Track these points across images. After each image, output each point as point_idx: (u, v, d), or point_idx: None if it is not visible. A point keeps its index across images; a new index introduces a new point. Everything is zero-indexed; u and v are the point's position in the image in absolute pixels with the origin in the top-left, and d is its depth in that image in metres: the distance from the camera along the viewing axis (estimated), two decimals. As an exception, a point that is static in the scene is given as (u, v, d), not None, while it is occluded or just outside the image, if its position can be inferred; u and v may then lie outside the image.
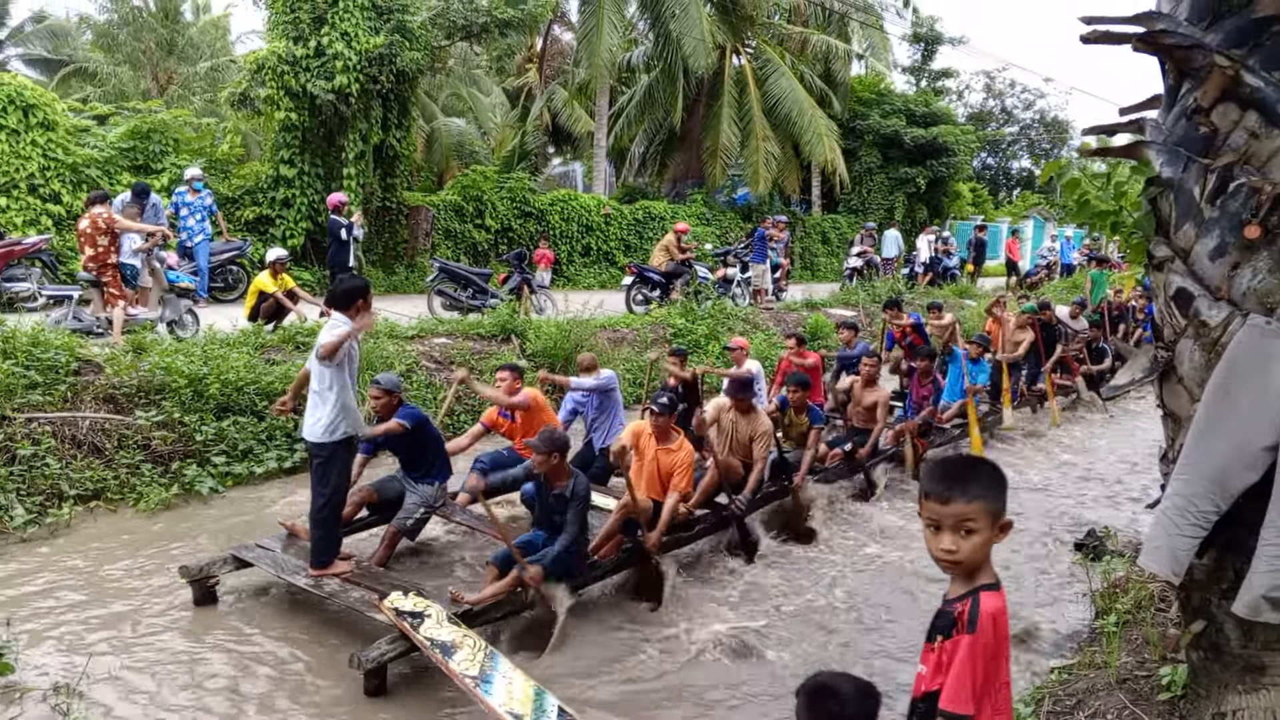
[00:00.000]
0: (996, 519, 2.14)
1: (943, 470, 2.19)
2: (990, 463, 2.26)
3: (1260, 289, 3.26)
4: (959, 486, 2.12)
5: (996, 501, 2.14)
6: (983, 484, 2.14)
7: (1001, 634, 2.11)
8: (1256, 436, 3.17)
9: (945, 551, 2.13)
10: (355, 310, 5.53)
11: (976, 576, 2.18)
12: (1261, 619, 3.16)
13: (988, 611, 2.11)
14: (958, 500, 2.11)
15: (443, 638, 4.60)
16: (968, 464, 2.25)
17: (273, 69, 14.59)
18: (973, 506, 2.11)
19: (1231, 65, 3.19)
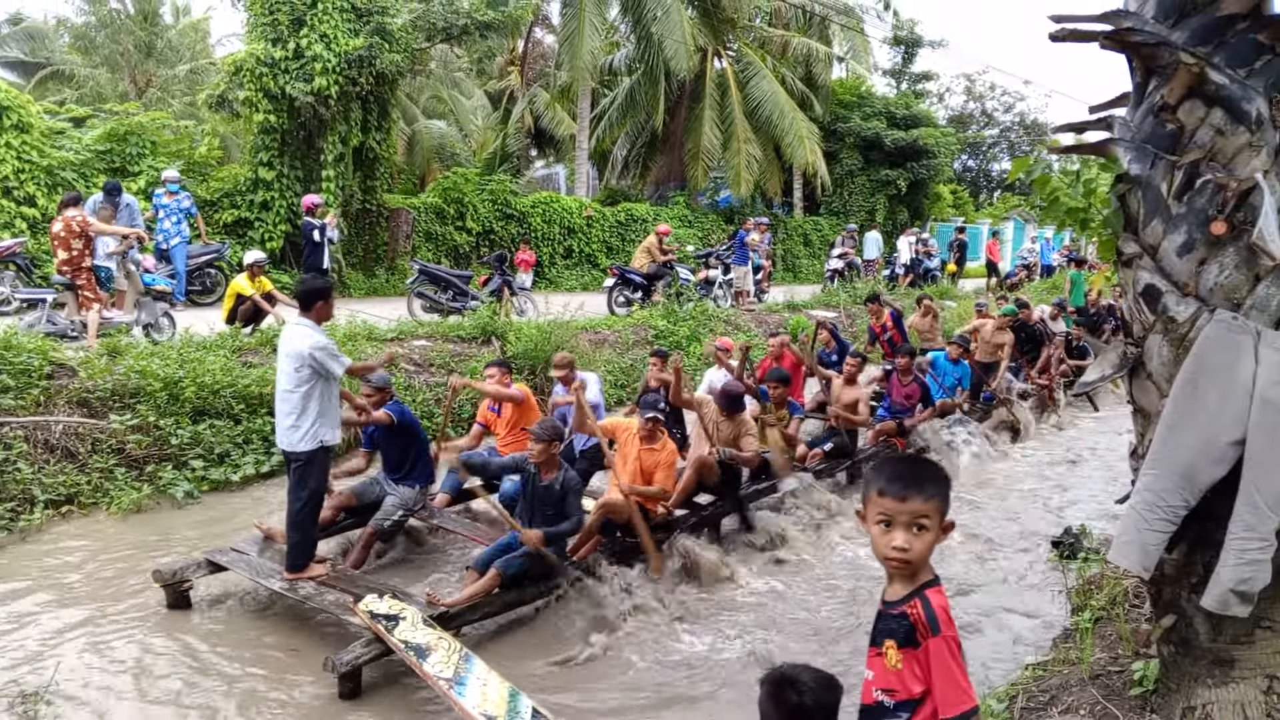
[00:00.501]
0: (944, 517, 2.15)
1: (899, 468, 2.19)
2: (937, 464, 2.27)
3: (1227, 284, 3.29)
4: (916, 484, 2.12)
5: (946, 501, 2.16)
6: (936, 483, 2.16)
7: (954, 625, 2.12)
8: (1224, 431, 3.19)
9: (898, 550, 2.12)
10: (316, 311, 5.52)
11: (918, 575, 2.18)
12: (1230, 613, 3.18)
13: (941, 607, 2.12)
14: (915, 498, 2.11)
15: (417, 640, 4.57)
16: (921, 463, 2.27)
17: (251, 71, 14.50)
18: (929, 504, 2.11)
19: (1196, 62, 3.22)
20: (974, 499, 8.86)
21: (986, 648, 5.57)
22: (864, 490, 2.26)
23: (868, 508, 2.22)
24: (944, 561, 7.14)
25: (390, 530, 6.40)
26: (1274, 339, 3.18)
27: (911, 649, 2.16)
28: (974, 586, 6.62)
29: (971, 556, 7.29)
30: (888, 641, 2.21)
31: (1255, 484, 3.14)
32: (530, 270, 18.47)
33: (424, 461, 6.60)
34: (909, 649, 2.16)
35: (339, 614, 5.11)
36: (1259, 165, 3.25)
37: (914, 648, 2.15)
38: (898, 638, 2.18)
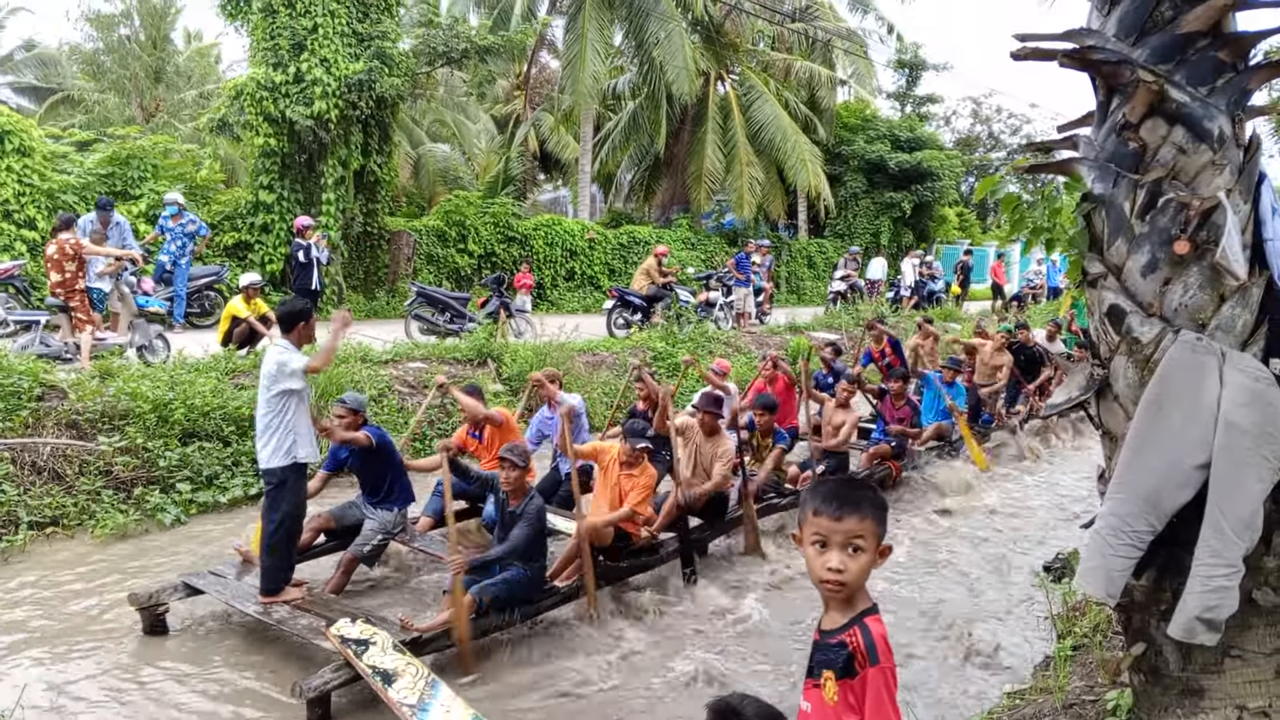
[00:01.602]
0: (880, 541, 2.10)
1: (835, 488, 2.15)
2: (875, 487, 2.23)
3: (1191, 305, 3.24)
4: (852, 503, 2.08)
5: (882, 524, 2.11)
6: (872, 504, 2.11)
7: (893, 655, 2.07)
8: (1189, 454, 3.13)
9: (833, 571, 2.07)
10: (297, 333, 5.52)
11: (856, 602, 2.12)
12: (1197, 641, 3.10)
13: (880, 635, 2.07)
14: (850, 517, 2.06)
15: (385, 665, 4.51)
16: (857, 484, 2.22)
17: (251, 95, 14.62)
18: (865, 524, 2.06)
19: (1156, 80, 3.18)
20: (970, 519, 8.76)
21: (972, 674, 5.48)
22: (800, 511, 2.21)
23: (803, 529, 2.17)
24: (937, 582, 7.05)
25: (370, 555, 6.35)
26: (1239, 360, 3.12)
27: (849, 679, 2.10)
28: (963, 610, 6.52)
29: (963, 579, 7.19)
30: (826, 673, 2.15)
31: (1220, 508, 3.07)
32: (530, 292, 18.46)
33: (402, 485, 6.56)
34: (846, 679, 2.10)
35: (311, 638, 5.05)
36: (1222, 184, 3.20)
37: (851, 678, 2.09)
38: (836, 668, 2.12)
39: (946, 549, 7.93)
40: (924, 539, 8.20)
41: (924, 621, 6.29)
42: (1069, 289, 4.28)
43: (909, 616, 6.39)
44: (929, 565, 7.52)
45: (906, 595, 6.83)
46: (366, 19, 15.38)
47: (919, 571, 7.36)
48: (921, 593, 6.88)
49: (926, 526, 8.59)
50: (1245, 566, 3.09)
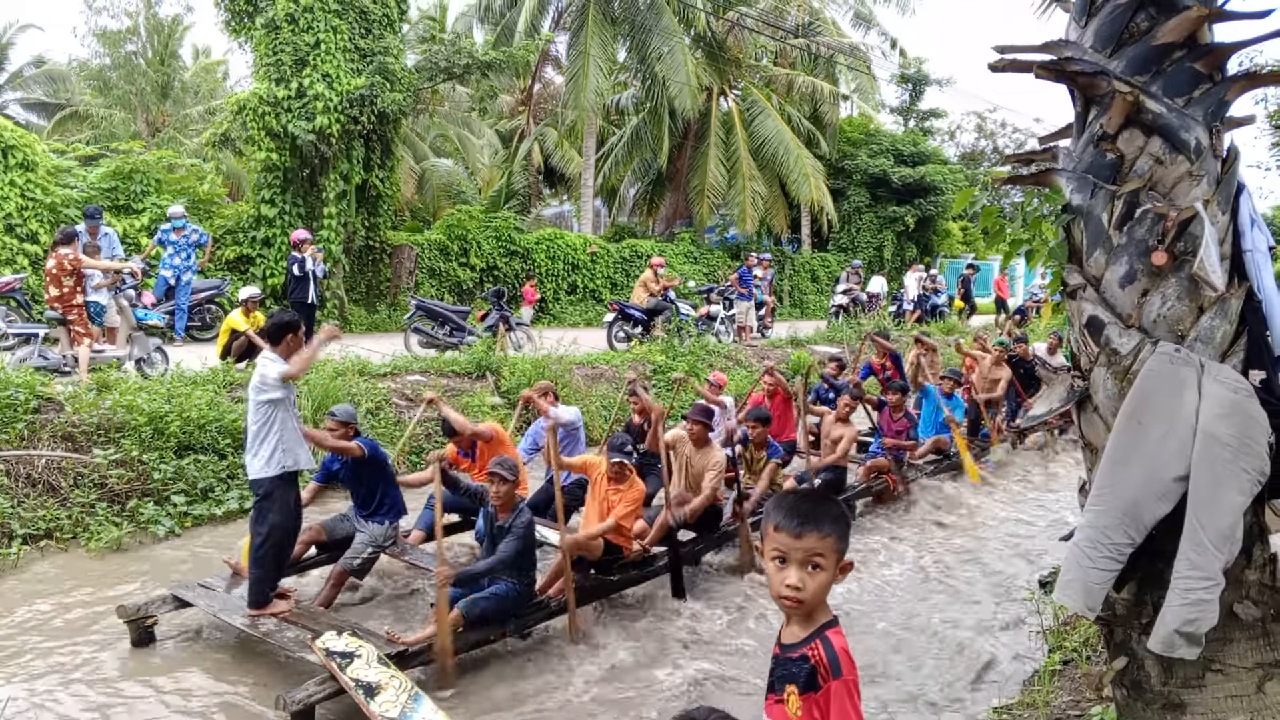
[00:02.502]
0: (841, 557, 2.08)
1: (796, 503, 2.12)
2: (838, 502, 2.21)
3: (1170, 316, 3.23)
4: (813, 520, 2.05)
5: (844, 540, 2.08)
6: (833, 520, 2.08)
7: (855, 668, 2.05)
8: (1168, 466, 3.11)
9: (791, 588, 2.05)
10: (286, 345, 5.53)
11: (816, 616, 2.10)
12: (1176, 655, 3.08)
13: (842, 649, 2.05)
14: (811, 534, 2.04)
15: (369, 678, 4.49)
16: (820, 499, 2.18)
17: (254, 110, 14.72)
18: (825, 542, 2.04)
19: (1132, 91, 3.18)
20: (966, 533, 8.72)
21: (961, 688, 5.43)
22: (762, 524, 2.19)
23: (764, 542, 2.15)
24: (931, 596, 7.00)
25: (360, 568, 6.32)
26: (1217, 371, 3.11)
27: (812, 693, 2.08)
28: (957, 623, 6.47)
29: (958, 593, 7.14)
30: (789, 686, 2.13)
31: (1199, 521, 3.05)
32: (534, 305, 18.50)
33: (394, 497, 6.53)
34: (809, 693, 2.08)
35: (297, 651, 5.04)
36: (1199, 195, 3.20)
37: (814, 691, 2.07)
38: (798, 682, 2.10)
39: (942, 562, 7.88)
40: (920, 552, 8.16)
41: (916, 635, 6.24)
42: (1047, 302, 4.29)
43: (902, 629, 6.34)
44: (924, 578, 7.48)
45: (901, 608, 6.78)
46: (369, 35, 15.49)
47: (914, 584, 7.31)
48: (916, 605, 6.83)
49: (923, 540, 8.54)
50: (1226, 579, 3.07)
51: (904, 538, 8.57)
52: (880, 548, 8.23)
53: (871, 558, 7.85)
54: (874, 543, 8.35)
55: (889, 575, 7.52)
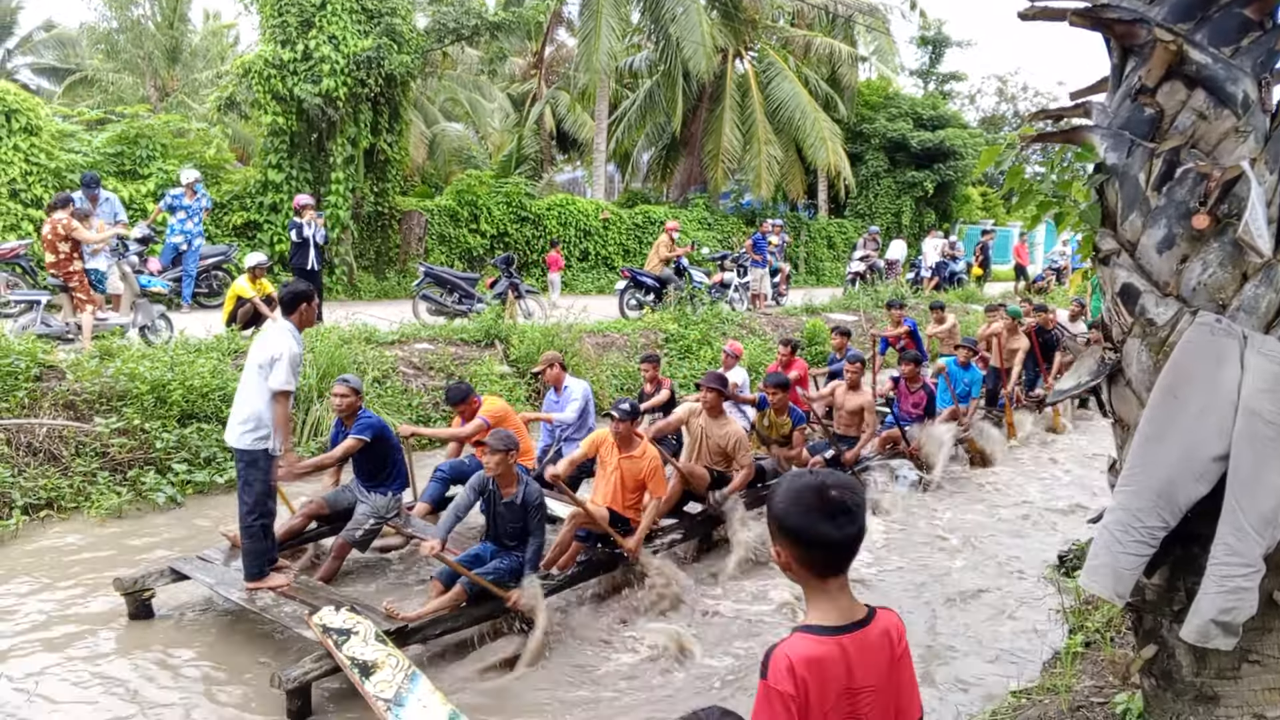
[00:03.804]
0: (773, 538, 1.96)
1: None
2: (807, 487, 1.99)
3: (1211, 284, 3.00)
4: None
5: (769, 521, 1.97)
6: (773, 497, 1.98)
7: (806, 686, 1.82)
8: (1205, 445, 2.91)
9: None
10: (299, 314, 5.39)
11: (810, 612, 1.93)
12: (1211, 645, 2.89)
13: (784, 654, 1.85)
14: None
15: (365, 657, 4.36)
16: (793, 474, 2.05)
17: (259, 73, 14.47)
18: None
19: (1174, 40, 2.93)
20: (989, 508, 8.53)
21: (982, 668, 5.27)
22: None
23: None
24: (951, 572, 6.83)
25: (362, 540, 6.20)
26: (1262, 343, 2.89)
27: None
28: (977, 601, 6.30)
29: (978, 569, 6.96)
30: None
31: (1239, 503, 2.84)
32: (559, 271, 18.11)
33: (398, 469, 6.40)
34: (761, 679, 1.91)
35: (294, 627, 4.92)
36: (1245, 152, 2.96)
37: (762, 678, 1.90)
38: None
39: (963, 536, 7.70)
40: (934, 526, 7.98)
41: (930, 611, 6.08)
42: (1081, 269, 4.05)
43: (920, 605, 6.18)
44: (939, 553, 7.30)
45: (919, 583, 6.61)
46: (376, -5, 15.18)
47: (928, 559, 7.14)
48: (930, 581, 6.66)
49: (937, 512, 8.36)
50: (1266, 566, 2.87)
51: (917, 511, 8.39)
52: (894, 521, 8.06)
53: (881, 534, 7.67)
54: (886, 516, 8.17)
55: (906, 549, 7.36)
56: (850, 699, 1.86)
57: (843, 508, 1.89)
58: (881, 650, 1.91)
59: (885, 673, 1.91)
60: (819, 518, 1.87)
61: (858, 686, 1.86)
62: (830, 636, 1.86)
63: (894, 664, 1.93)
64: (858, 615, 1.91)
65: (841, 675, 1.85)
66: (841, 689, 1.85)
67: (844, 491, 1.90)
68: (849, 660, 1.86)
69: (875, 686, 1.89)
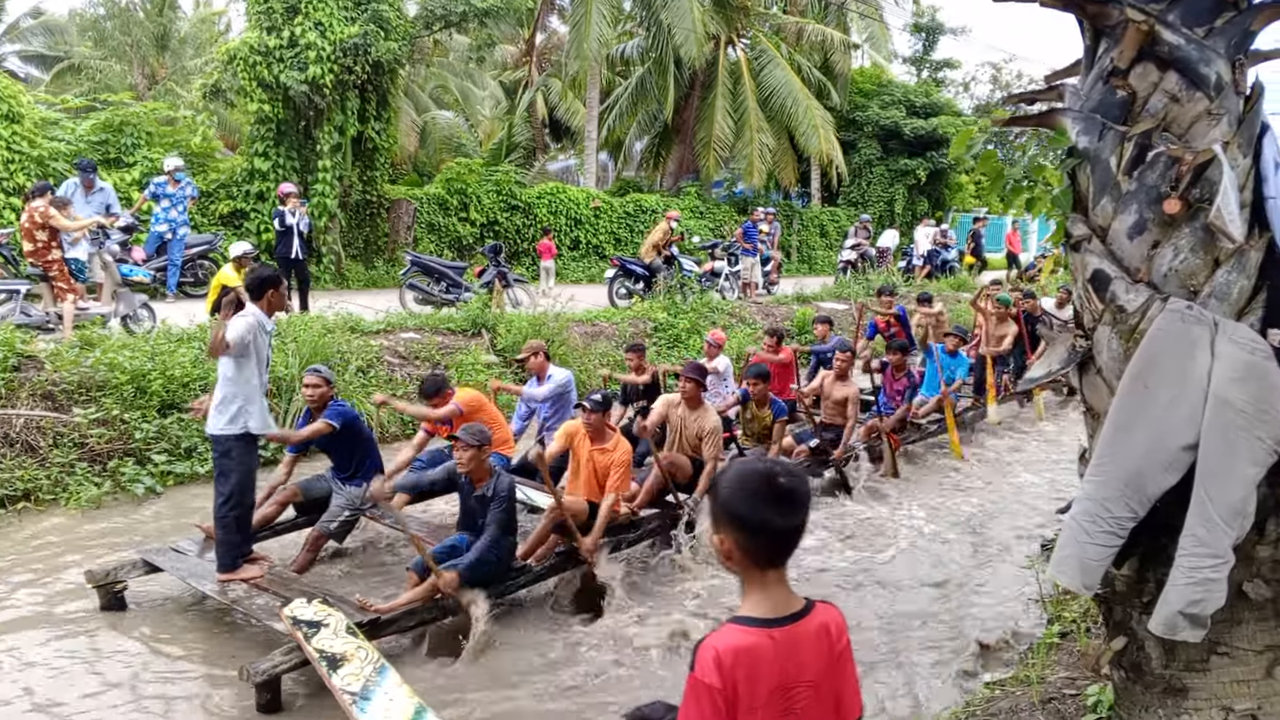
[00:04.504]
0: (715, 526, 1.91)
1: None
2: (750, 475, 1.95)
3: (1182, 270, 2.95)
4: None
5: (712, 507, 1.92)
6: (718, 484, 1.93)
7: (734, 680, 1.77)
8: (1175, 434, 2.86)
9: None
10: (267, 300, 5.33)
11: (744, 603, 1.87)
12: (1179, 637, 2.85)
13: (712, 646, 1.80)
14: None
15: (334, 649, 4.31)
16: (736, 462, 2.03)
17: (244, 60, 14.33)
18: None
19: (1146, 20, 2.87)
20: (973, 496, 8.49)
21: (959, 659, 5.22)
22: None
23: None
24: (933, 561, 6.79)
25: (338, 531, 6.16)
26: (1233, 331, 2.84)
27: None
28: (959, 589, 6.26)
29: (961, 558, 6.92)
30: None
31: (1208, 493, 2.80)
32: (552, 258, 17.90)
33: (372, 459, 6.33)
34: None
35: (265, 619, 4.86)
36: (1218, 136, 2.90)
37: None
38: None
39: (943, 525, 7.67)
40: (920, 514, 7.94)
41: (913, 601, 6.05)
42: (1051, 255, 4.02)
43: (901, 594, 6.14)
44: (923, 542, 7.26)
45: (900, 571, 6.58)
46: (363, -19, 15.01)
47: (912, 549, 7.10)
48: (914, 570, 6.62)
49: (924, 501, 8.32)
50: (1235, 556, 2.83)
51: (903, 499, 8.35)
52: (879, 509, 8.03)
53: (867, 522, 7.64)
54: (871, 504, 8.14)
55: (889, 537, 7.32)
56: (784, 693, 1.81)
57: (790, 496, 1.84)
58: (819, 644, 1.86)
59: (823, 668, 1.86)
60: (766, 505, 1.82)
61: (792, 681, 1.81)
62: (761, 628, 1.81)
63: (834, 659, 1.88)
64: (794, 608, 1.86)
65: (774, 668, 1.80)
66: (774, 683, 1.80)
67: (792, 480, 1.86)
68: (781, 653, 1.81)
69: (812, 681, 1.84)
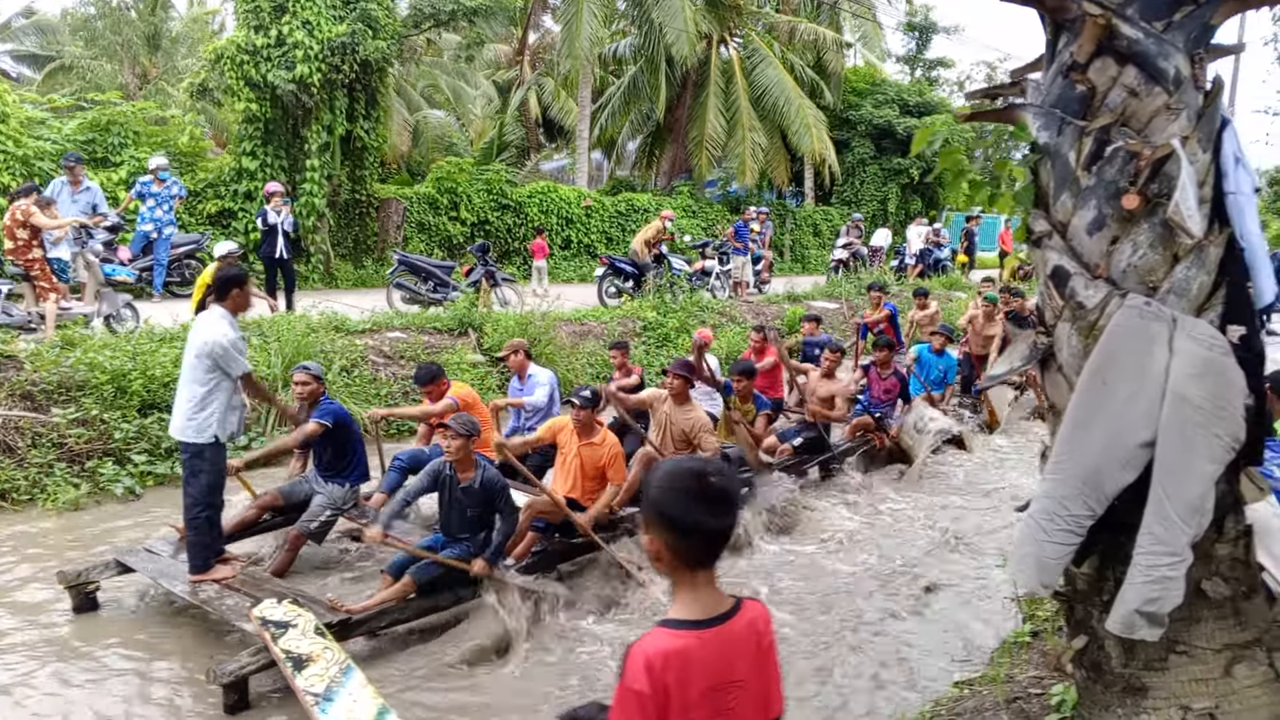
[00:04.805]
0: (645, 527, 1.87)
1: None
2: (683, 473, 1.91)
3: (1141, 266, 2.93)
4: None
5: (642, 509, 1.88)
6: (649, 486, 1.88)
7: (664, 685, 1.73)
8: (1133, 431, 2.84)
9: None
10: (232, 300, 5.29)
11: (674, 605, 1.84)
12: (1137, 636, 2.83)
13: (641, 651, 1.75)
14: None
15: (300, 650, 4.29)
16: (669, 461, 1.97)
17: (232, 59, 14.28)
18: None
19: (1103, 14, 2.84)
20: (956, 494, 8.48)
21: (938, 658, 5.20)
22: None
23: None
24: (915, 558, 6.77)
25: (318, 531, 6.11)
26: (1191, 327, 2.82)
27: None
28: (940, 588, 6.24)
29: (942, 557, 6.90)
30: None
31: (1165, 491, 2.78)
32: (545, 258, 17.82)
33: (359, 459, 6.30)
34: None
35: (235, 620, 4.84)
36: (1176, 130, 2.88)
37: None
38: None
39: (929, 522, 7.65)
40: (907, 512, 7.93)
41: (891, 599, 6.03)
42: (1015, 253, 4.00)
43: (881, 592, 6.12)
44: (908, 539, 7.24)
45: (882, 571, 6.55)
46: (352, -20, 14.97)
47: (898, 546, 7.08)
48: (895, 567, 6.60)
49: (910, 499, 8.30)
50: (1194, 554, 2.81)
51: (889, 497, 8.34)
52: (862, 507, 8.01)
53: (847, 520, 7.62)
54: (855, 501, 8.12)
55: (872, 535, 7.30)
56: (716, 694, 1.78)
57: (722, 496, 1.82)
58: (748, 643, 1.83)
59: (751, 666, 1.84)
60: (698, 506, 1.80)
61: (724, 681, 1.79)
62: (692, 631, 1.78)
63: (760, 656, 1.86)
64: (723, 608, 1.83)
65: (705, 670, 1.77)
66: (706, 685, 1.77)
67: (723, 480, 1.83)
68: (712, 654, 1.78)
69: (742, 680, 1.81)
